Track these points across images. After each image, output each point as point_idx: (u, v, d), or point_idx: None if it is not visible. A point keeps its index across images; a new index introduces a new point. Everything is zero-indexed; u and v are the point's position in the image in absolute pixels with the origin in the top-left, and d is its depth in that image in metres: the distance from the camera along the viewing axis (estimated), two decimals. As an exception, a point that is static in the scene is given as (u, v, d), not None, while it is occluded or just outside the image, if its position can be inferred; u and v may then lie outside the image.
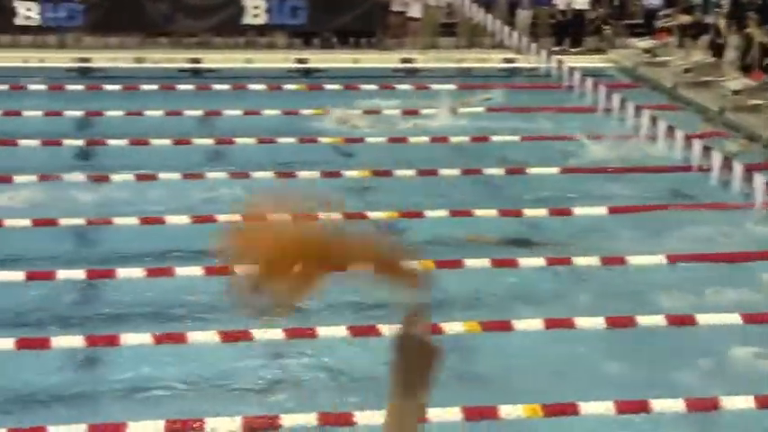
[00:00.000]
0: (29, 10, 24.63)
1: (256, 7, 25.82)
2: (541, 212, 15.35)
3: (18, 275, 12.32)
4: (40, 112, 19.69)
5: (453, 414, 9.49)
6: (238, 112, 20.05)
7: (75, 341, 10.93)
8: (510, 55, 25.53)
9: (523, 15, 27.48)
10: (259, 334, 11.12)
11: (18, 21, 24.69)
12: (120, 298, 12.30)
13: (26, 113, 19.62)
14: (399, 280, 2.80)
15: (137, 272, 12.62)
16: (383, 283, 2.80)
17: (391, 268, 2.79)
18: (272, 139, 18.48)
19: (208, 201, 15.41)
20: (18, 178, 15.87)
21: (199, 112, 20.09)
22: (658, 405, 9.98)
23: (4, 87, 21.54)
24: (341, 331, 11.18)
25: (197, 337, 11.02)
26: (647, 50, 25.38)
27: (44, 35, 25.20)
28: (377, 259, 2.79)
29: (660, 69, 24.21)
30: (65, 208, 14.78)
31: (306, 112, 20.23)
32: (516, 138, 18.81)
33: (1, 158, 16.94)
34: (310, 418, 9.57)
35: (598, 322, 11.62)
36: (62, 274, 12.52)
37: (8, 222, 14.00)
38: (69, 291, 12.43)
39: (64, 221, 14.22)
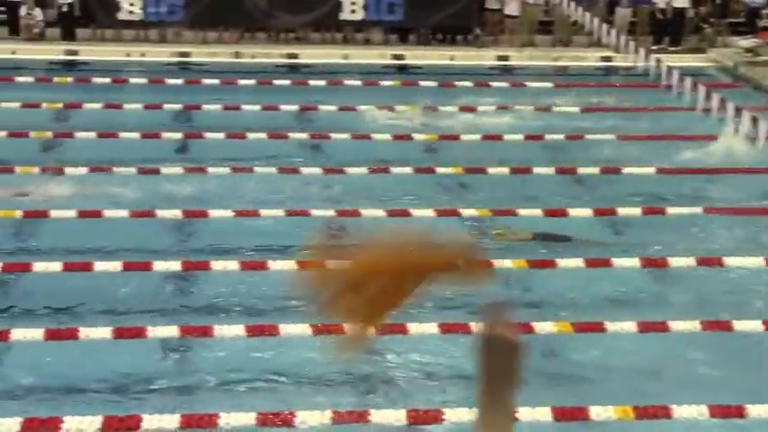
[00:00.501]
0: (132, 5, 25.06)
1: (353, 3, 25.93)
2: (636, 212, 15.16)
3: (116, 266, 12.55)
4: (140, 105, 20.02)
5: (543, 414, 9.43)
6: (333, 108, 20.16)
7: (170, 331, 11.10)
8: (607, 53, 25.26)
9: (622, 13, 27.17)
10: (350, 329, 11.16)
11: (121, 15, 25.14)
12: (214, 290, 12.45)
13: (127, 106, 19.96)
14: (470, 278, 2.82)
15: (231, 264, 12.77)
16: (456, 282, 2.83)
17: (464, 268, 2.81)
18: (366, 134, 18.55)
19: (302, 195, 15.53)
20: (117, 170, 16.18)
21: (294, 107, 20.25)
22: (754, 411, 9.80)
23: (107, 80, 21.96)
24: (432, 328, 11.17)
25: (289, 329, 11.10)
26: (748, 50, 24.89)
27: (146, 30, 25.63)
28: (450, 264, 2.81)
29: (762, 69, 23.73)
30: (162, 200, 15.02)
31: (401, 108, 20.26)
32: (612, 137, 18.61)
33: (102, 150, 17.25)
34: (400, 415, 9.58)
35: (693, 325, 11.44)
36: (158, 265, 12.72)
37: (107, 213, 14.27)
38: (165, 282, 12.62)
39: (161, 213, 14.45)
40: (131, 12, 25.10)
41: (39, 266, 12.46)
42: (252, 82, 22.21)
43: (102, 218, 14.19)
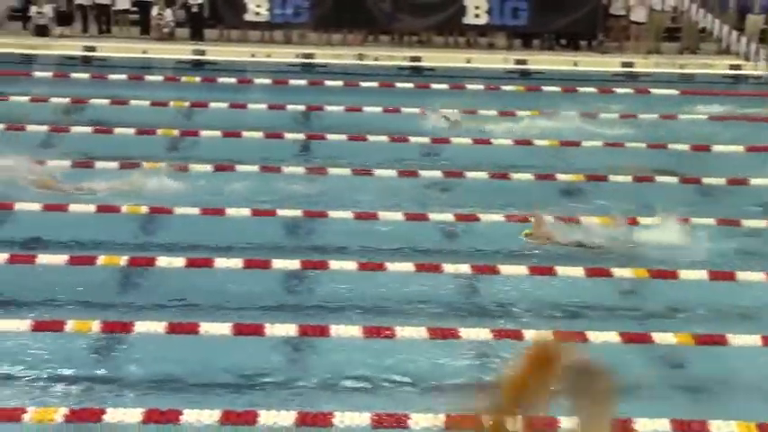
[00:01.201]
0: (258, 6, 25.41)
1: (477, 7, 25.86)
2: (762, 224, 14.81)
3: (237, 263, 12.74)
4: (264, 105, 20.29)
5: (662, 425, 9.27)
6: (455, 111, 20.12)
7: (288, 330, 11.21)
8: (736, 62, 24.72)
9: (754, 20, 26.52)
10: (467, 333, 11.17)
11: (248, 17, 25.52)
12: (332, 289, 12.54)
13: (251, 106, 20.25)
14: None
15: (350, 265, 12.85)
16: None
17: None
18: (487, 139, 18.49)
19: (421, 199, 15.54)
20: (240, 168, 16.42)
21: (416, 110, 20.28)
22: None
23: (232, 80, 22.31)
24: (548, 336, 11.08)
25: (406, 332, 11.12)
26: None
27: (271, 31, 25.97)
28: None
29: None
30: (283, 199, 15.19)
31: (522, 113, 20.13)
32: (740, 147, 18.21)
33: (225, 149, 17.53)
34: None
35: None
36: (278, 263, 12.87)
37: (230, 211, 14.50)
38: (284, 280, 12.75)
39: (282, 212, 14.63)
40: (258, 13, 25.45)
41: (162, 261, 12.73)
42: (374, 84, 22.33)
43: (225, 216, 14.42)
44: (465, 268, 12.94)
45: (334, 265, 12.88)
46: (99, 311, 11.57)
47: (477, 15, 25.93)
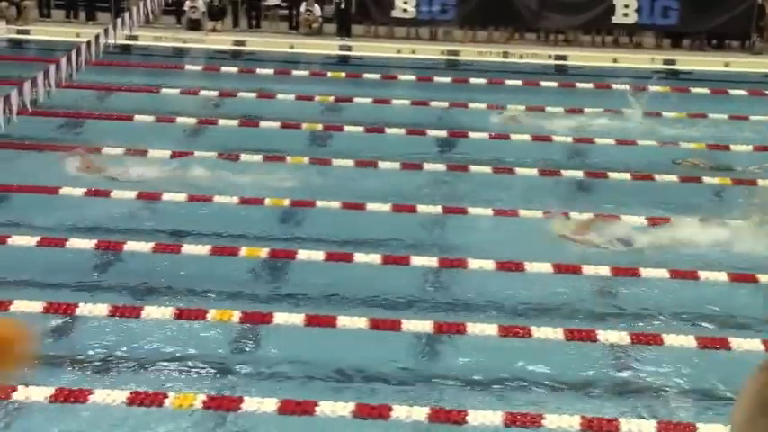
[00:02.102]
0: (405, 3, 25.55)
1: (627, 6, 25.49)
2: None
3: (375, 258, 12.84)
4: (407, 102, 20.39)
5: None
6: (600, 110, 19.90)
7: (424, 326, 11.24)
8: None
9: None
10: (604, 335, 11.03)
11: (395, 13, 25.68)
12: (469, 287, 12.52)
13: (395, 102, 20.37)
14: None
15: (488, 264, 12.82)
16: None
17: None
18: (633, 141, 18.22)
19: (563, 197, 15.40)
20: (382, 165, 16.54)
21: (560, 109, 20.11)
22: None
23: (377, 76, 22.48)
24: (690, 341, 10.89)
25: (542, 333, 11.05)
26: None
27: (417, 27, 26.07)
28: None
29: None
30: (423, 196, 15.24)
31: (670, 115, 19.77)
32: None
33: (369, 145, 17.68)
34: (650, 426, 9.38)
35: None
36: (416, 260, 12.93)
37: (370, 207, 14.61)
38: (422, 276, 12.79)
39: (421, 208, 14.67)
40: (405, 10, 25.59)
41: (302, 255, 12.90)
42: (518, 82, 22.22)
43: (365, 210, 14.54)
44: (605, 270, 12.78)
45: (473, 263, 12.86)
46: (240, 302, 11.81)
47: (626, 14, 25.56)
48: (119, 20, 22.30)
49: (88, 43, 19.73)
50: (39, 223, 13.72)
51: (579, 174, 16.58)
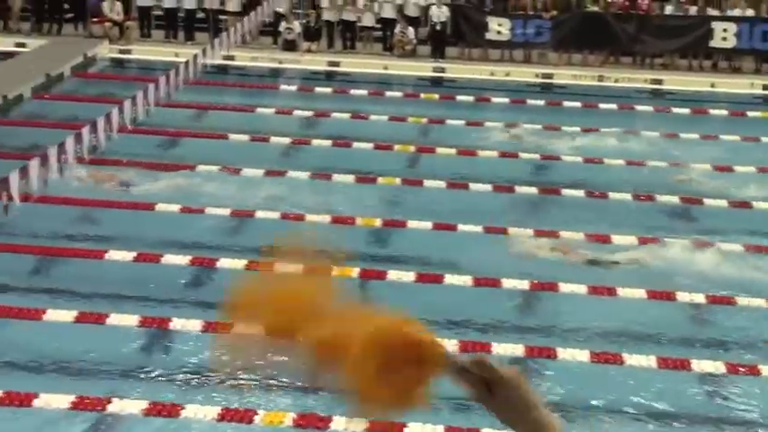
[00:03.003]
0: (500, 25, 25.52)
1: (725, 30, 25.15)
2: None
3: (465, 280, 12.83)
4: (499, 124, 20.34)
5: None
6: (695, 136, 19.63)
7: (515, 349, 11.19)
8: None
9: None
10: (698, 365, 10.87)
11: (489, 36, 25.66)
12: (561, 312, 12.42)
13: (488, 124, 20.34)
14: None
15: (580, 288, 12.73)
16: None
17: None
18: (728, 167, 17.93)
19: (654, 224, 15.22)
20: (474, 186, 16.51)
21: (656, 134, 19.90)
22: None
23: (470, 98, 22.47)
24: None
25: (635, 360, 10.93)
26: None
27: (511, 50, 26.02)
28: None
29: None
30: (514, 221, 15.15)
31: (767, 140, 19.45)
32: None
33: (460, 166, 17.67)
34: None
35: None
36: (507, 282, 12.88)
37: (461, 227, 14.59)
38: (512, 299, 12.73)
39: (513, 231, 14.62)
40: (499, 32, 25.55)
41: (393, 275, 12.94)
42: (613, 106, 22.06)
43: (456, 231, 14.52)
44: (700, 298, 12.60)
45: (564, 287, 12.78)
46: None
47: (724, 38, 25.21)
48: (216, 40, 22.65)
49: (186, 63, 20.08)
50: (135, 239, 13.96)
51: (675, 199, 16.37)
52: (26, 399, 9.73)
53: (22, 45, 25.28)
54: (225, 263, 13.16)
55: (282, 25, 26.12)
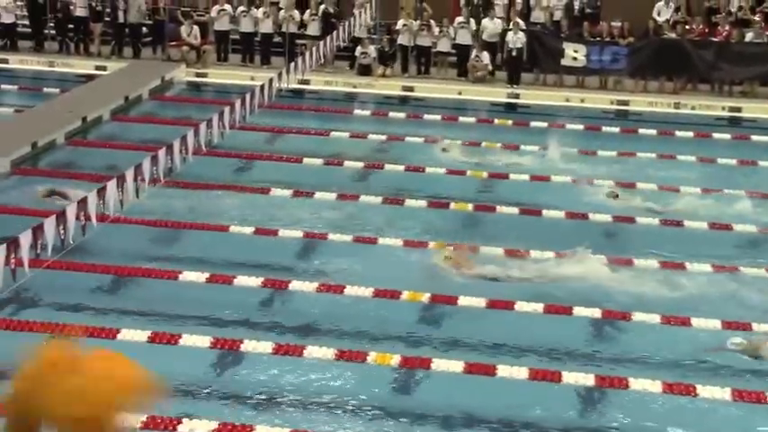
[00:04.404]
0: (576, 52, 25.39)
1: (806, 58, 24.78)
2: None
3: (538, 307, 12.76)
4: (574, 150, 20.22)
5: None
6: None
7: (585, 378, 11.09)
8: None
9: None
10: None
11: (565, 62, 25.52)
12: (633, 341, 12.28)
13: (562, 150, 20.16)
14: None
15: (653, 318, 12.60)
16: None
17: None
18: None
19: (737, 252, 15.03)
20: (547, 213, 16.44)
21: (733, 162, 19.64)
22: None
23: (544, 125, 22.36)
24: None
25: (709, 392, 10.76)
26: None
27: (586, 76, 25.86)
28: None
29: None
30: (590, 245, 15.02)
31: None
32: None
33: (534, 192, 17.60)
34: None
35: None
36: (581, 311, 12.79)
37: (533, 254, 14.50)
38: (585, 328, 12.61)
39: (597, 255, 14.50)
40: (575, 59, 25.42)
41: (464, 300, 12.92)
42: (689, 134, 21.83)
43: (528, 258, 14.45)
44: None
45: (637, 316, 12.65)
46: (400, 346, 11.85)
47: (805, 66, 24.83)
48: (292, 64, 22.82)
49: (262, 87, 20.24)
50: (208, 260, 14.09)
51: (752, 228, 16.16)
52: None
53: (103, 68, 25.72)
54: (297, 285, 13.22)
55: (358, 50, 26.25)
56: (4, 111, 21.80)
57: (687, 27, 25.94)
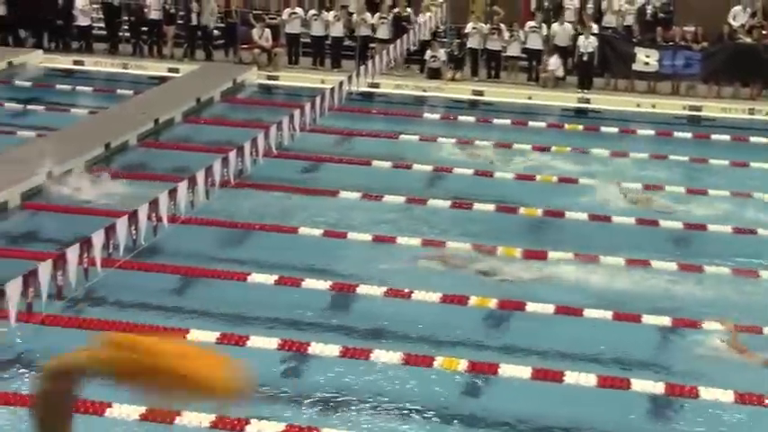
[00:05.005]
0: (648, 57, 25.15)
1: None
2: None
3: (606, 314, 12.68)
4: (645, 155, 20.05)
5: None
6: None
7: (654, 387, 11.00)
8: None
9: None
10: None
11: (636, 67, 25.29)
12: (703, 347, 12.15)
13: (633, 155, 20.04)
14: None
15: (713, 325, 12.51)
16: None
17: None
18: None
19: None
20: (617, 219, 16.32)
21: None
22: None
23: (615, 130, 22.20)
24: None
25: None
26: None
27: (658, 81, 25.60)
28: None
29: None
30: (662, 249, 14.89)
31: None
32: None
33: (604, 198, 17.46)
34: None
35: None
36: (647, 318, 12.68)
37: (603, 260, 14.40)
38: (652, 335, 12.50)
39: (656, 264, 14.38)
40: (647, 63, 25.18)
41: (531, 307, 12.89)
42: (764, 140, 21.53)
43: (599, 263, 14.36)
44: None
45: (706, 325, 12.51)
46: (467, 351, 11.83)
47: None
48: (362, 67, 22.89)
49: (332, 90, 20.33)
50: (277, 262, 14.18)
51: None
52: (169, 416, 9.94)
53: (175, 70, 25.99)
54: (364, 288, 13.26)
55: (428, 53, 26.24)
56: (80, 112, 22.12)
57: (764, 32, 25.55)
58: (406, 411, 10.52)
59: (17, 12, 27.45)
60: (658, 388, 10.98)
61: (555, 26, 26.01)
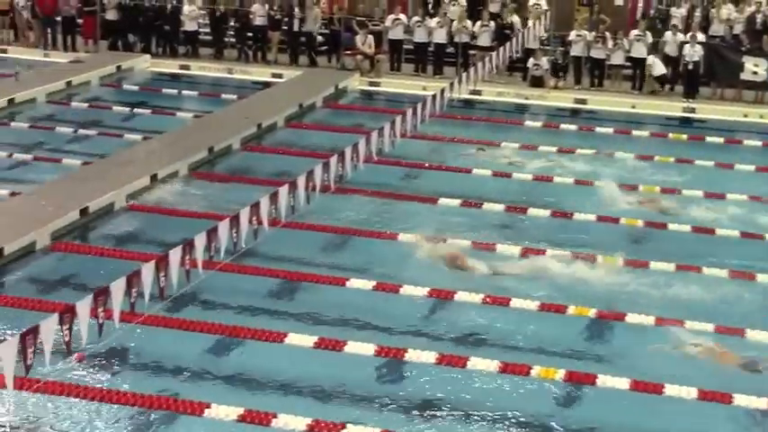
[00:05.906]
0: (756, 66, 24.70)
1: None
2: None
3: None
4: (752, 167, 19.69)
5: None
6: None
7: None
8: None
9: None
10: None
11: (744, 76, 24.88)
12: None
13: (738, 167, 19.70)
14: None
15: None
16: None
17: None
18: None
19: None
20: (720, 232, 16.05)
21: None
22: None
23: (720, 140, 21.84)
24: None
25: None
26: None
27: (767, 91, 25.08)
28: None
29: None
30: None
31: None
32: None
33: (706, 208, 17.17)
34: None
35: None
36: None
37: (705, 271, 14.17)
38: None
39: (761, 278, 14.16)
40: (755, 73, 24.72)
41: (631, 318, 12.75)
42: None
43: (700, 273, 14.19)
44: None
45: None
46: (565, 360, 11.74)
47: None
48: (464, 74, 22.84)
49: (434, 96, 20.31)
50: (376, 268, 14.24)
51: None
52: (265, 418, 10.05)
53: (279, 76, 26.29)
54: (462, 296, 13.24)
55: (530, 61, 26.11)
56: (185, 116, 22.49)
57: None
58: (501, 420, 10.48)
59: (127, 17, 28.07)
60: (762, 403, 10.76)
61: (667, 34, 25.66)
